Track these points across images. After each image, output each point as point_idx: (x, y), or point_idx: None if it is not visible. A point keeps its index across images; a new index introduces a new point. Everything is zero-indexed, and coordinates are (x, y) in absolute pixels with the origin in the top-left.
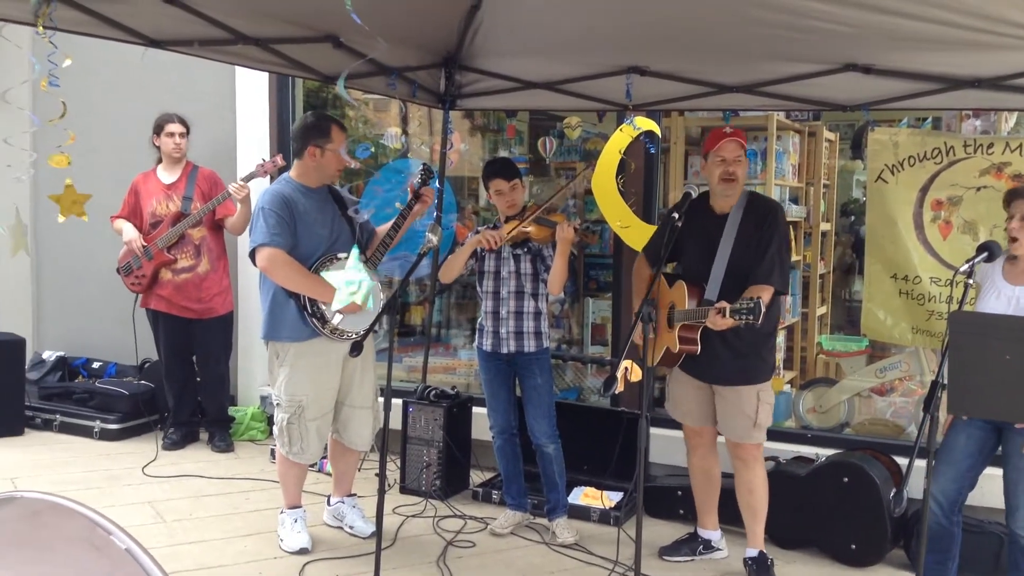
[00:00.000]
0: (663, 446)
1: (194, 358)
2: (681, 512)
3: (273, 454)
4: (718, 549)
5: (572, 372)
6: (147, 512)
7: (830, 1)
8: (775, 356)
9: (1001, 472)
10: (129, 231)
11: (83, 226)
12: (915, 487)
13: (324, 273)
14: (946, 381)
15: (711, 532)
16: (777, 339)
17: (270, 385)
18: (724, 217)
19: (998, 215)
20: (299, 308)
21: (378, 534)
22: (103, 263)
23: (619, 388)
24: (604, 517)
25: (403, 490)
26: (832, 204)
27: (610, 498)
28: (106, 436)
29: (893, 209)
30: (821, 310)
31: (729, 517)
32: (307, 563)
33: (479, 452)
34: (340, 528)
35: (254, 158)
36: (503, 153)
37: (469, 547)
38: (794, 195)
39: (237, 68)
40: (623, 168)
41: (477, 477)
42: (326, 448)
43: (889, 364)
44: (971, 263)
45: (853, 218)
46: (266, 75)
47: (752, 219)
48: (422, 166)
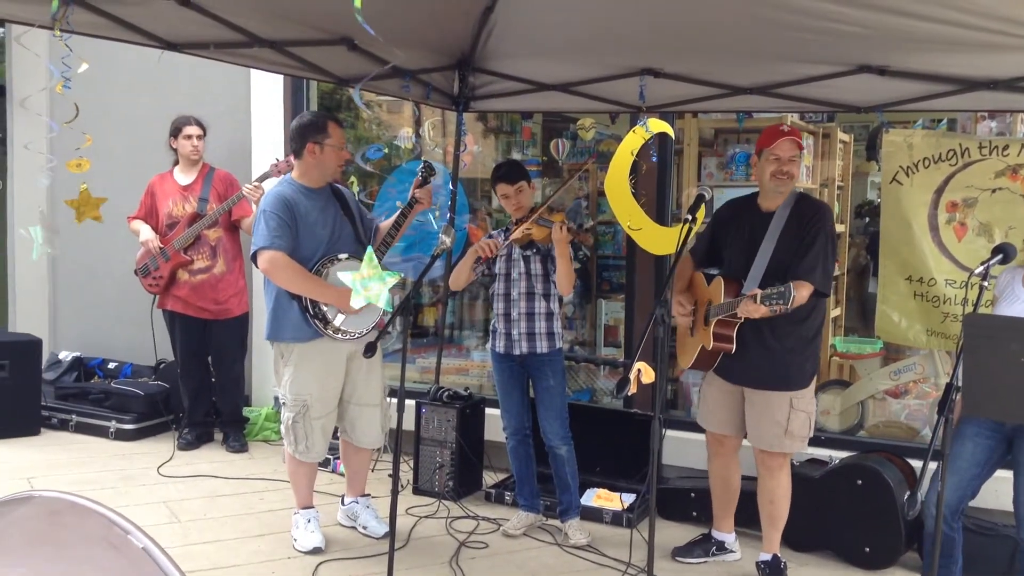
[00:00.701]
0: (676, 448)
1: (209, 359)
2: (694, 514)
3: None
4: (731, 551)
5: (585, 373)
6: (162, 512)
7: (845, 3)
8: (816, 363)
9: (1011, 474)
10: (146, 232)
11: (99, 227)
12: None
13: (340, 274)
14: (961, 383)
15: (725, 534)
16: (819, 346)
17: (277, 385)
18: (770, 215)
19: (1013, 217)
20: (302, 309)
21: (391, 535)
22: (119, 264)
23: (632, 390)
24: (617, 519)
25: (416, 491)
26: (846, 206)
27: (623, 500)
28: (122, 436)
29: (908, 211)
30: (835, 312)
31: (745, 519)
32: (320, 563)
33: (492, 453)
34: (353, 528)
35: (269, 160)
36: (516, 155)
37: (482, 548)
38: None
39: (252, 71)
40: (636, 170)
41: (490, 478)
42: (339, 448)
43: (903, 366)
44: (986, 265)
45: (867, 220)
46: (281, 77)
47: (798, 218)
48: (422, 164)
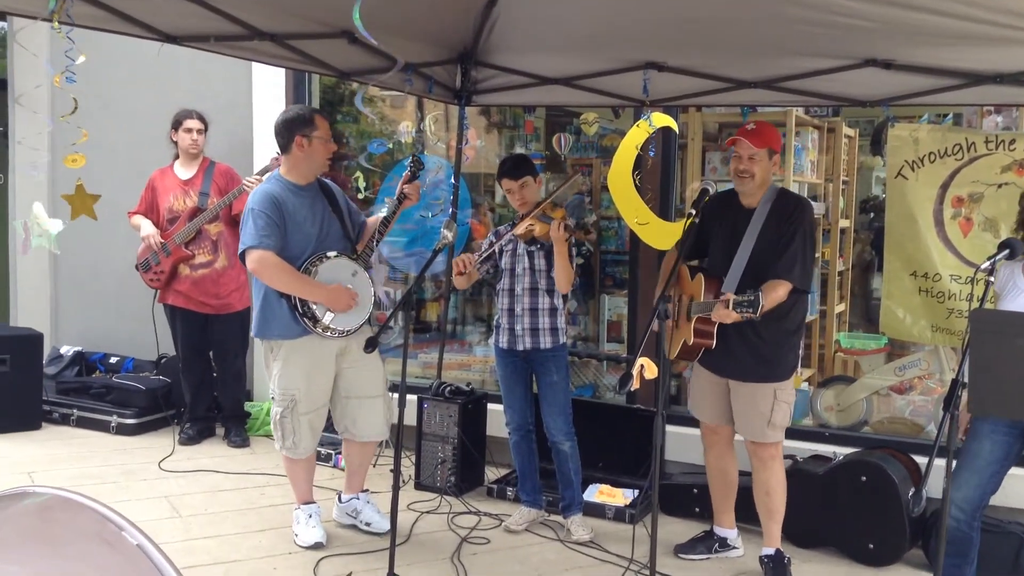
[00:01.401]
0: (679, 444)
1: (211, 353)
2: (697, 510)
3: None
4: (734, 548)
5: (588, 369)
6: (163, 507)
7: None
8: (797, 355)
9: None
10: (147, 227)
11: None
12: (934, 487)
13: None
14: (966, 380)
15: (727, 530)
16: (800, 339)
17: (269, 380)
18: (750, 212)
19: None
20: (291, 307)
21: (392, 530)
22: (120, 259)
23: (635, 385)
24: (619, 515)
25: (418, 486)
26: (851, 201)
27: (625, 496)
28: (123, 431)
29: (913, 206)
30: (839, 308)
31: (746, 515)
32: (321, 558)
33: (494, 448)
34: (353, 525)
35: (270, 154)
36: (519, 149)
37: (484, 544)
38: (813, 192)
39: (253, 64)
40: (640, 164)
41: (492, 474)
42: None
43: (908, 362)
44: (992, 260)
45: (872, 215)
46: (282, 71)
47: (778, 214)
48: (411, 157)
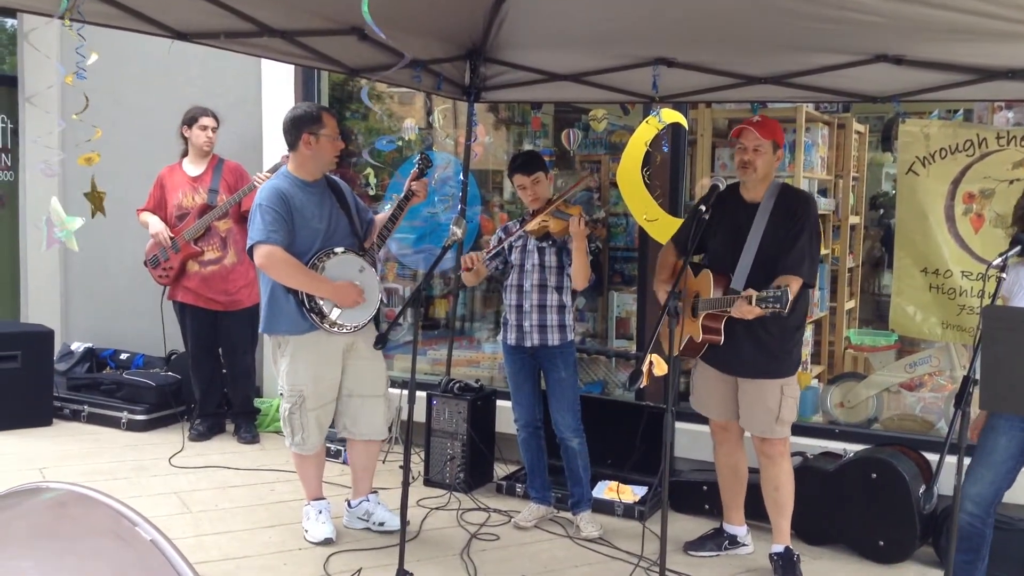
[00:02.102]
0: (688, 440)
1: (220, 350)
2: (706, 507)
3: None
4: (744, 544)
5: (597, 365)
6: (173, 502)
7: None
8: (801, 350)
9: None
10: (156, 224)
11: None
12: (945, 484)
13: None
14: (978, 377)
15: (737, 527)
16: (805, 333)
17: (277, 376)
18: (755, 207)
19: None
20: (298, 303)
21: (402, 526)
22: (131, 255)
23: (644, 382)
24: (629, 511)
25: (427, 483)
26: (861, 197)
27: (635, 492)
28: (133, 427)
29: (924, 202)
30: (850, 304)
31: (755, 512)
32: (331, 554)
33: (503, 445)
34: (367, 528)
35: (280, 151)
36: (527, 146)
37: (493, 540)
38: (823, 188)
39: (263, 61)
40: (649, 161)
41: (501, 470)
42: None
43: (919, 359)
44: (1004, 257)
45: (882, 211)
46: (292, 68)
47: (783, 210)
48: (419, 155)
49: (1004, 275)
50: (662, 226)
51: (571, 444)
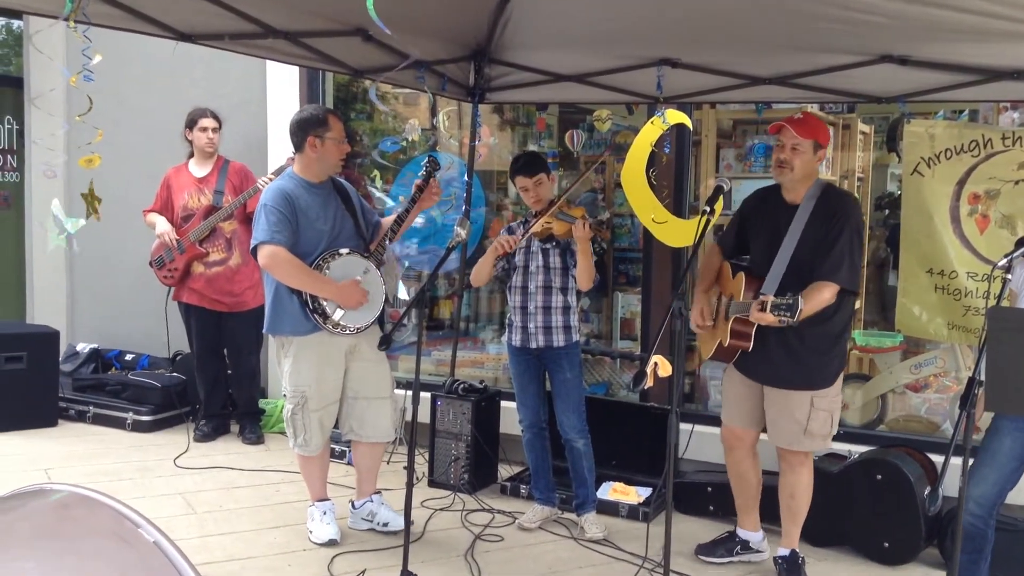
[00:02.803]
0: (693, 442)
1: (225, 351)
2: (711, 508)
3: None
4: (758, 551)
5: (602, 367)
6: (178, 503)
7: None
8: (842, 361)
9: None
10: (162, 224)
11: (115, 220)
12: (950, 485)
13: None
14: (984, 378)
15: (750, 533)
16: (847, 343)
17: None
18: (794, 208)
19: None
20: (302, 304)
21: (406, 527)
22: (136, 256)
23: (648, 383)
24: (633, 513)
25: (431, 483)
26: (866, 198)
27: (639, 494)
28: (138, 428)
29: (929, 203)
30: (855, 305)
31: (765, 514)
32: (336, 555)
33: (507, 446)
34: (371, 529)
35: (285, 152)
36: (532, 146)
37: (497, 541)
38: None
39: (268, 62)
40: (655, 162)
41: (505, 471)
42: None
43: (924, 360)
44: (1010, 257)
45: (887, 212)
46: (296, 69)
47: (823, 211)
48: (427, 158)
49: (1010, 276)
50: (667, 227)
51: (576, 445)
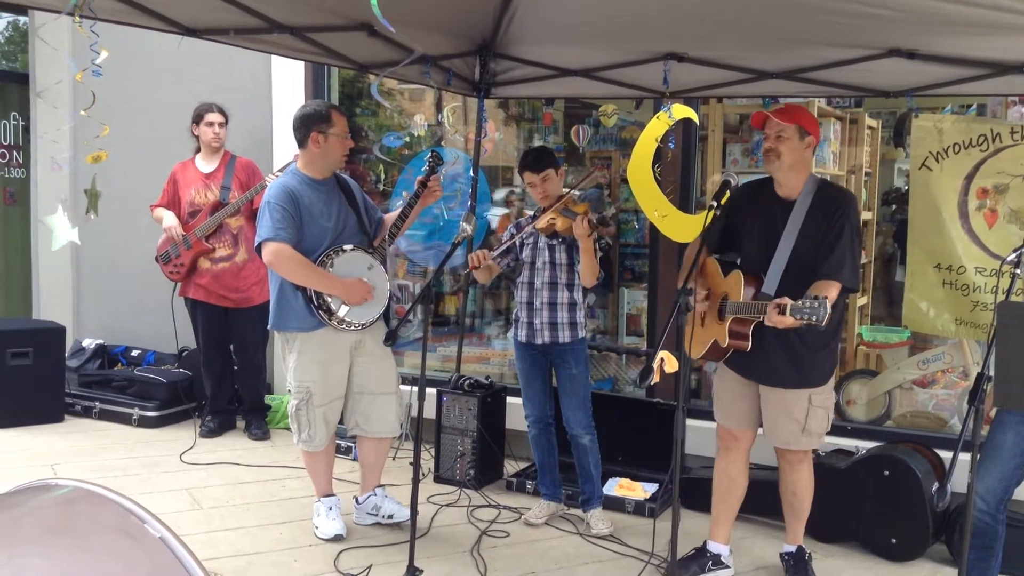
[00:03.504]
0: (699, 438)
1: (231, 347)
2: None
3: None
4: (726, 566)
5: (608, 362)
6: (184, 499)
7: None
8: (835, 359)
9: None
10: (169, 219)
11: (121, 216)
12: (958, 481)
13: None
14: (992, 373)
15: (721, 546)
16: (839, 340)
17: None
18: (790, 204)
19: None
20: (306, 300)
21: (412, 523)
22: (142, 252)
23: (655, 379)
24: (639, 508)
25: (437, 479)
26: (873, 193)
27: (645, 489)
28: (144, 423)
29: (937, 197)
30: (862, 301)
31: (767, 510)
32: (342, 551)
33: (513, 442)
34: (376, 523)
35: (290, 148)
36: (537, 142)
37: (503, 537)
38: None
39: (273, 57)
40: (660, 157)
41: (511, 467)
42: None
43: (931, 356)
44: (1019, 252)
45: (895, 207)
46: (302, 64)
47: (821, 208)
48: (430, 153)
49: (1018, 271)
50: (673, 222)
51: (582, 441)
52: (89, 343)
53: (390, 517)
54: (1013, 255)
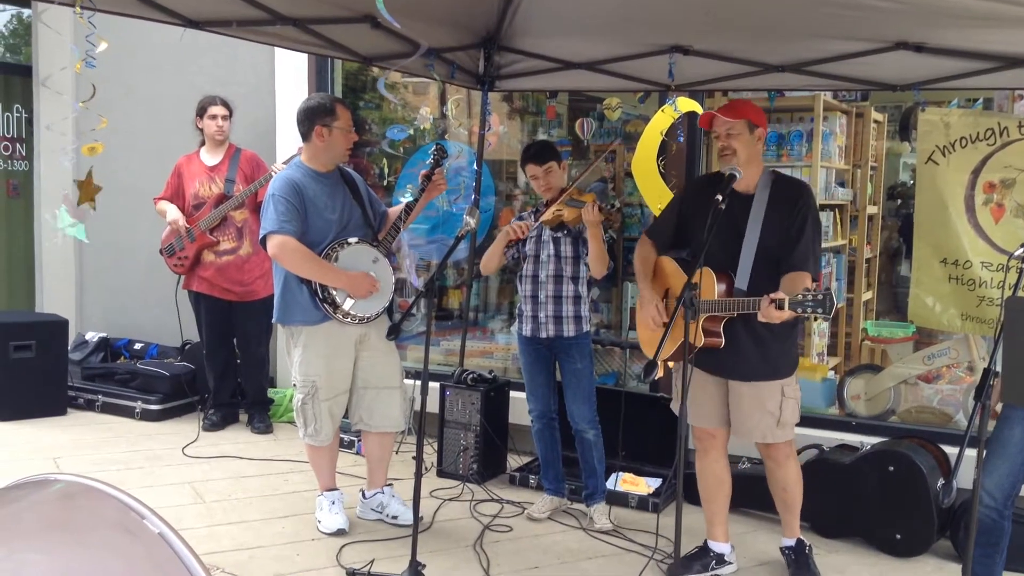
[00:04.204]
0: None
1: (235, 340)
2: None
3: None
4: (729, 563)
5: (612, 357)
6: (187, 492)
7: None
8: (798, 348)
9: None
10: (173, 212)
11: (124, 209)
12: (963, 477)
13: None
14: (999, 369)
15: (722, 545)
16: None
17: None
18: (748, 198)
19: None
20: (311, 293)
21: (415, 517)
22: (145, 245)
23: (659, 374)
24: (642, 503)
25: (440, 473)
26: (879, 187)
27: (648, 484)
28: (147, 417)
29: (943, 192)
30: (867, 295)
31: (762, 504)
32: (344, 545)
33: (516, 436)
34: (380, 520)
35: (294, 140)
36: (542, 135)
37: (506, 531)
38: (841, 177)
39: (276, 50)
40: (664, 150)
41: (514, 461)
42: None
43: (937, 351)
44: None
45: (900, 201)
46: (305, 57)
47: (781, 201)
48: (435, 146)
49: None
50: None
51: (587, 436)
52: (92, 336)
53: (395, 518)
54: (1020, 250)
